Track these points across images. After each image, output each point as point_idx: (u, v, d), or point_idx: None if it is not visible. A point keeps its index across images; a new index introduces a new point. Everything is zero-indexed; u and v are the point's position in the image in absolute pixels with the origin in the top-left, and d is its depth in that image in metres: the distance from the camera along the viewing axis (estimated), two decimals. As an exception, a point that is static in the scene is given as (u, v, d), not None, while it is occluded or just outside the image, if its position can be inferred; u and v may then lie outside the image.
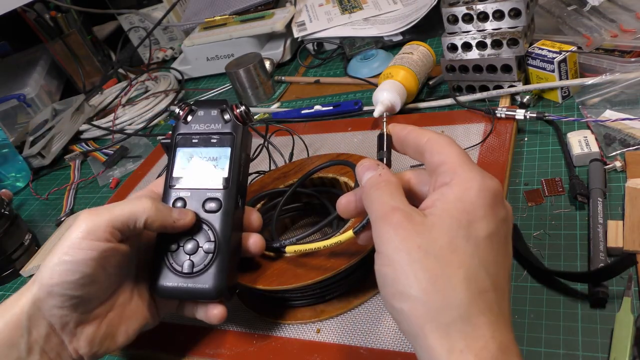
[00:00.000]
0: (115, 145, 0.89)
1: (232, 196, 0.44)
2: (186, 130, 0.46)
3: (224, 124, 0.45)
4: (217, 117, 0.45)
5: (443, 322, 0.28)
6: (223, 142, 0.45)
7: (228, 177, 0.44)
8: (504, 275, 0.31)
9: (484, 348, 0.28)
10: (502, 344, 0.28)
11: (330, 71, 0.91)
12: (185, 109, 0.46)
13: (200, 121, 0.46)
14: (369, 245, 0.40)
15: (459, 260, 0.29)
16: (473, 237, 0.30)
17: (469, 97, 0.67)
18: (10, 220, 0.68)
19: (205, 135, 0.45)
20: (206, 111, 0.46)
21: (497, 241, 0.31)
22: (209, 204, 0.43)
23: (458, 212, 0.30)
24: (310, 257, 0.45)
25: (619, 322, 0.39)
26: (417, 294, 0.29)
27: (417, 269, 0.29)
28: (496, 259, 0.30)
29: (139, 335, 0.50)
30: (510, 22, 0.62)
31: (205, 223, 0.43)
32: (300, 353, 0.44)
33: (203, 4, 1.08)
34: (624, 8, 0.68)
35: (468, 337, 0.28)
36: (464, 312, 0.28)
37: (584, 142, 0.54)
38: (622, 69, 0.60)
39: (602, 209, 0.47)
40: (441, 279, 0.29)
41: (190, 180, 0.45)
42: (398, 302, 0.30)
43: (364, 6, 0.95)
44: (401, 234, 0.30)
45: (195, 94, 1.00)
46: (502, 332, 0.29)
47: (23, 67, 1.16)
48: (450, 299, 0.28)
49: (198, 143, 0.45)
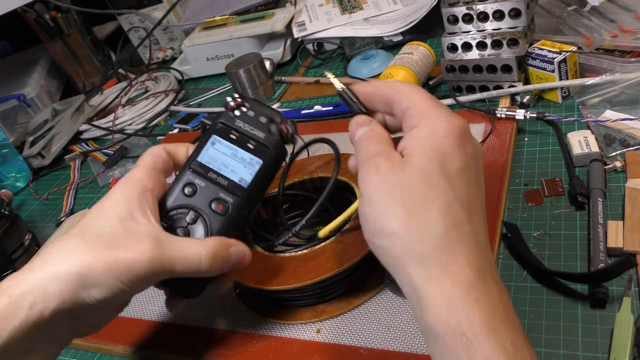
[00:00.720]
0: (115, 145, 0.89)
1: (241, 208, 0.43)
2: (229, 122, 0.44)
3: (267, 135, 0.44)
4: (264, 125, 0.44)
5: (420, 253, 0.30)
6: (258, 153, 0.43)
7: (246, 189, 0.43)
8: (477, 207, 0.32)
9: (459, 273, 0.29)
10: (478, 271, 0.29)
11: (330, 71, 0.90)
12: (237, 101, 0.45)
13: (246, 120, 0.44)
14: None
15: (434, 195, 0.30)
16: (445, 172, 0.31)
17: (469, 97, 0.67)
18: (10, 220, 0.68)
19: (245, 136, 0.44)
20: (256, 114, 0.44)
21: (468, 175, 0.32)
22: (217, 203, 0.43)
23: (430, 150, 0.32)
24: (310, 257, 0.45)
25: (619, 323, 0.39)
26: (395, 229, 0.30)
27: (395, 206, 0.31)
28: (468, 192, 0.32)
29: (139, 336, 0.50)
30: (510, 22, 0.62)
31: (205, 220, 0.42)
32: (300, 353, 0.44)
33: (203, 4, 1.08)
34: (624, 8, 0.68)
35: (444, 265, 0.29)
36: (440, 242, 0.30)
37: (584, 142, 0.54)
38: (622, 69, 0.60)
39: (602, 209, 0.47)
40: (417, 213, 0.30)
41: (210, 172, 0.43)
42: (378, 239, 0.32)
43: (364, 6, 0.95)
44: (381, 175, 0.32)
45: (195, 94, 1.00)
46: (479, 260, 0.30)
47: (23, 67, 1.16)
48: (427, 231, 0.30)
49: (235, 140, 0.44)
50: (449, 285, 0.29)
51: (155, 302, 0.54)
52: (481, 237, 0.31)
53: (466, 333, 0.28)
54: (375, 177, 0.32)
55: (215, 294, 0.52)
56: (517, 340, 0.28)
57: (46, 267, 0.37)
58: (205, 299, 0.52)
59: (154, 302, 0.54)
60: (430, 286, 0.29)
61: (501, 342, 0.27)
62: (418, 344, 0.41)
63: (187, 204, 0.43)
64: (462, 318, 0.28)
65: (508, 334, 0.28)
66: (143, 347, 0.50)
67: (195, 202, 0.43)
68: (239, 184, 0.43)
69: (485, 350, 0.27)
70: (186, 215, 0.42)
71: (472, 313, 0.28)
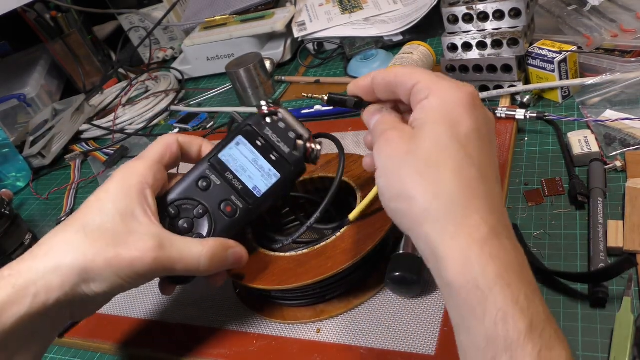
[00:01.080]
0: (116, 145, 0.89)
1: (249, 216, 0.44)
2: (257, 128, 0.44)
3: (291, 151, 0.43)
4: (291, 140, 0.43)
5: (435, 212, 0.30)
6: (278, 166, 0.43)
7: (258, 198, 0.43)
8: (490, 166, 0.32)
9: (474, 229, 0.29)
10: (493, 228, 0.29)
11: (331, 71, 0.91)
12: (271, 107, 0.44)
13: (275, 130, 0.44)
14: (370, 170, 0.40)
15: (446, 156, 0.31)
16: (456, 135, 0.31)
17: (469, 97, 0.67)
18: (10, 220, 0.68)
19: (270, 146, 0.43)
20: (286, 127, 0.43)
21: (479, 137, 0.32)
22: (226, 205, 0.43)
23: (440, 117, 0.32)
24: (310, 257, 0.45)
25: (619, 322, 0.39)
26: (409, 192, 0.31)
27: (409, 170, 0.32)
28: (481, 153, 0.32)
29: (139, 335, 0.51)
30: (511, 22, 0.62)
31: (211, 218, 0.43)
32: (300, 353, 0.44)
33: (203, 4, 1.08)
34: (624, 8, 0.68)
35: (459, 221, 0.30)
36: (455, 199, 0.30)
37: (584, 142, 0.54)
38: (622, 69, 0.60)
39: (602, 209, 0.47)
40: (431, 174, 0.31)
41: (227, 172, 0.44)
42: (394, 203, 0.33)
43: (364, 6, 0.95)
44: (392, 145, 0.33)
45: (195, 94, 1.00)
46: (494, 218, 0.30)
47: (23, 67, 1.16)
48: (440, 190, 0.30)
49: (259, 147, 0.44)
50: (464, 240, 0.29)
51: (155, 301, 0.54)
52: (495, 198, 0.31)
53: (481, 286, 0.28)
54: (387, 147, 0.33)
55: (215, 294, 0.52)
56: (531, 294, 0.28)
57: (49, 258, 0.38)
58: (205, 298, 0.52)
59: (153, 301, 0.54)
60: (446, 242, 0.29)
61: (515, 295, 0.27)
62: (418, 344, 0.41)
63: (199, 198, 0.43)
64: (477, 272, 0.28)
65: (522, 288, 0.28)
66: (142, 347, 0.50)
67: (206, 198, 0.43)
68: (252, 191, 0.43)
69: (498, 303, 0.27)
70: (195, 207, 0.43)
71: (487, 267, 0.28)
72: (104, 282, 0.39)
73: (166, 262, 0.39)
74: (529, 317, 0.27)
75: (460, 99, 0.33)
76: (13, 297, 0.37)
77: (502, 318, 0.27)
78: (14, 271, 0.38)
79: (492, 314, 0.27)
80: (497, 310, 0.27)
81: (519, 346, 0.26)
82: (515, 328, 0.27)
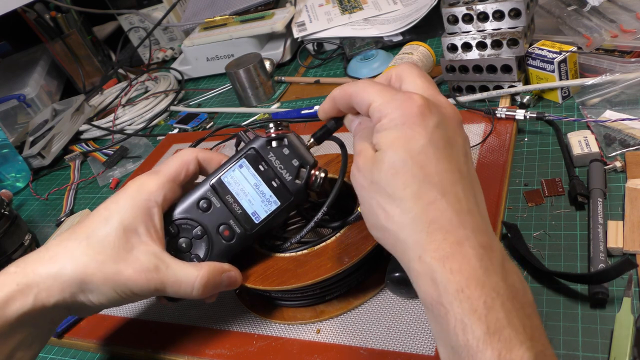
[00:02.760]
0: (115, 145, 0.89)
1: (246, 241, 0.44)
2: (262, 152, 0.43)
3: (293, 179, 0.43)
4: (294, 168, 0.43)
5: (404, 240, 0.32)
6: (279, 194, 0.43)
7: (256, 225, 0.44)
8: (451, 179, 0.33)
9: (437, 249, 0.31)
10: (456, 242, 0.31)
11: (330, 71, 0.91)
12: (279, 131, 0.44)
13: (279, 156, 0.43)
14: None
15: (403, 182, 0.32)
16: (410, 154, 0.32)
17: (469, 97, 0.67)
18: (10, 220, 0.68)
19: (272, 172, 0.43)
20: (291, 153, 0.43)
21: (434, 149, 0.33)
22: (224, 229, 0.44)
23: (394, 138, 0.33)
24: (310, 257, 0.45)
25: (619, 323, 0.39)
26: (381, 223, 0.33)
27: (378, 201, 0.34)
28: (439, 162, 0.32)
29: (139, 336, 0.51)
30: (510, 23, 0.62)
31: (209, 240, 0.44)
32: (300, 353, 0.44)
33: (203, 4, 1.08)
34: (624, 8, 0.68)
35: (424, 245, 0.31)
36: (418, 225, 0.32)
37: (584, 142, 0.54)
38: (622, 69, 0.60)
39: (602, 209, 0.47)
40: (392, 206, 0.33)
41: (228, 195, 0.44)
42: (374, 231, 0.35)
43: (364, 6, 0.95)
44: (361, 174, 0.35)
45: (195, 94, 1.00)
46: (457, 230, 0.31)
47: (23, 67, 1.16)
48: (405, 218, 0.32)
49: (261, 172, 0.43)
50: (428, 263, 0.31)
51: (155, 302, 0.54)
52: (459, 205, 0.32)
53: (444, 302, 0.29)
54: (357, 176, 0.35)
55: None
56: (490, 301, 0.29)
57: (52, 265, 0.40)
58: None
59: (153, 302, 0.54)
60: (415, 266, 0.31)
61: (474, 305, 0.29)
62: (418, 344, 0.41)
63: (198, 219, 0.44)
64: (441, 290, 0.30)
65: (482, 296, 0.29)
66: (142, 347, 0.50)
67: (205, 220, 0.44)
68: (251, 217, 0.44)
69: (458, 315, 0.29)
70: (194, 228, 0.44)
71: (448, 285, 0.30)
72: (101, 295, 0.41)
73: (159, 286, 0.41)
74: (486, 323, 0.28)
75: (410, 112, 0.33)
76: (16, 294, 0.39)
77: (461, 328, 0.29)
78: (19, 268, 0.41)
79: (453, 325, 0.29)
80: (456, 321, 0.29)
81: (479, 351, 0.28)
82: (474, 335, 0.28)
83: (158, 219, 0.42)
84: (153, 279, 0.40)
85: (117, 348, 0.51)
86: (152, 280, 0.40)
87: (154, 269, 0.40)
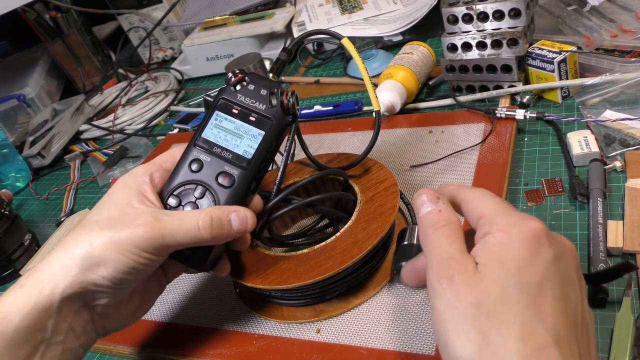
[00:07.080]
0: (115, 145, 0.89)
1: (247, 179, 0.44)
2: (230, 98, 0.45)
3: (268, 107, 0.44)
4: (265, 97, 0.45)
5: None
6: (260, 124, 0.44)
7: (250, 160, 0.44)
8: (565, 324, 0.28)
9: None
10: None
11: (330, 71, 0.91)
12: (238, 76, 0.45)
13: (247, 94, 0.45)
14: (410, 284, 0.37)
15: (514, 315, 0.27)
16: (526, 285, 0.28)
17: (468, 97, 0.67)
18: (10, 220, 0.68)
19: (246, 110, 0.45)
20: (257, 87, 0.45)
21: (550, 287, 0.28)
22: (222, 177, 0.43)
23: (506, 260, 0.29)
24: (310, 257, 0.45)
25: (619, 323, 0.39)
26: (468, 355, 0.27)
27: (469, 328, 0.27)
28: (554, 307, 0.28)
29: (139, 336, 0.50)
30: (510, 22, 0.62)
31: (212, 194, 0.43)
32: (300, 353, 0.44)
33: (203, 4, 1.08)
34: (624, 8, 0.68)
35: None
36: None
37: (584, 142, 0.54)
38: (622, 69, 0.60)
39: (602, 209, 0.47)
40: (494, 338, 0.27)
41: (215, 147, 0.44)
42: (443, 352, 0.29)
43: (364, 6, 0.95)
44: (455, 290, 0.29)
45: (195, 94, 1.00)
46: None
47: (23, 67, 1.16)
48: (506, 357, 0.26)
49: (237, 114, 0.45)
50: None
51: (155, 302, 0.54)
52: None
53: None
54: (448, 291, 0.29)
55: (215, 294, 0.52)
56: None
57: (52, 255, 0.39)
58: (205, 299, 0.52)
59: (154, 302, 0.54)
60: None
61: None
62: (418, 343, 0.41)
63: (194, 179, 0.44)
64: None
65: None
66: (142, 347, 0.50)
67: (202, 177, 0.44)
68: (243, 156, 0.44)
69: None
70: (194, 190, 0.43)
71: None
72: (108, 265, 0.38)
73: (164, 231, 0.39)
74: None
75: (524, 237, 0.29)
76: (20, 297, 0.37)
77: None
78: (26, 274, 0.39)
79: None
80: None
81: None
82: None
83: (150, 192, 0.42)
84: (156, 227, 0.39)
85: (117, 348, 0.51)
86: (155, 228, 0.39)
87: (155, 220, 0.39)
